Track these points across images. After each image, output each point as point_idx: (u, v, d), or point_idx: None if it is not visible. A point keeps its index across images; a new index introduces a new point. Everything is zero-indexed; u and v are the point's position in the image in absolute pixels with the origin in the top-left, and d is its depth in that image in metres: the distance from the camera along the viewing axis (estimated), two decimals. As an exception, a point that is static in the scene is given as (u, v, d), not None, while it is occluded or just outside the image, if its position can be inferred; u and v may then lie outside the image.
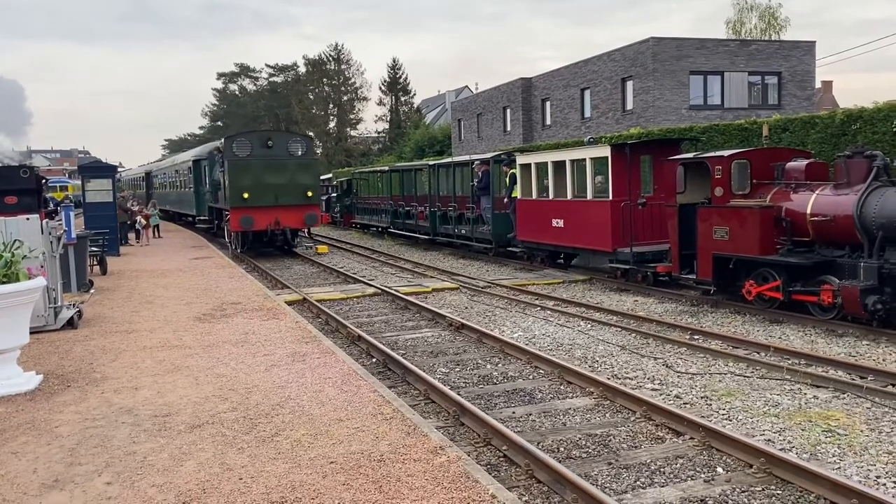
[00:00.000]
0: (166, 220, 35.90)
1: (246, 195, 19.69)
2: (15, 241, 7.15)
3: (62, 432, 5.72)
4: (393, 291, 13.89)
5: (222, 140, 21.08)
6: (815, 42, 32.11)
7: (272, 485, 4.61)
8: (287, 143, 21.06)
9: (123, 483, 4.70)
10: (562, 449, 6.01)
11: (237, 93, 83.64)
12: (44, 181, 38.22)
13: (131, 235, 24.66)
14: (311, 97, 72.74)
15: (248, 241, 20.54)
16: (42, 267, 8.15)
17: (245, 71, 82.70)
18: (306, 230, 22.01)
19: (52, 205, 35.96)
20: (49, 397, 6.68)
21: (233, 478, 4.73)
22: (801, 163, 10.90)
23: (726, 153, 11.46)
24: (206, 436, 5.54)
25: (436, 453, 5.05)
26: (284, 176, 20.32)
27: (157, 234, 27.12)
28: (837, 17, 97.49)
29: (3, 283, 6.65)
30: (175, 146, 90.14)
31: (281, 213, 20.13)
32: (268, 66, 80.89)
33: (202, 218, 27.42)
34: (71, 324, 9.92)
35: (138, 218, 24.81)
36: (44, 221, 10.32)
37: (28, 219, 10.51)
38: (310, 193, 20.74)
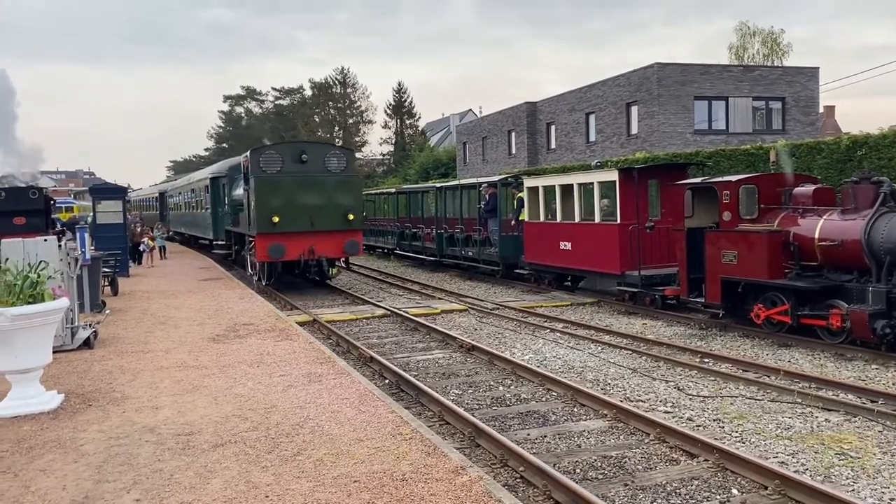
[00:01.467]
0: (182, 244, 35.28)
1: (276, 219, 16.51)
2: (41, 261, 7.30)
3: (88, 450, 5.82)
4: (402, 313, 14.00)
5: (247, 153, 17.92)
6: (818, 68, 32.47)
7: (298, 503, 4.70)
8: (324, 156, 17.65)
9: (152, 500, 4.80)
10: (578, 470, 6.09)
11: (243, 115, 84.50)
12: (52, 202, 38.55)
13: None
14: (317, 120, 73.47)
15: (277, 272, 17.55)
16: (60, 287, 8.27)
17: (251, 94, 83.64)
18: (344, 260, 18.61)
19: (58, 225, 36.24)
20: (72, 416, 6.78)
21: (259, 496, 4.82)
22: (809, 188, 11.05)
23: (734, 178, 11.62)
24: (229, 454, 5.64)
25: (457, 473, 5.14)
26: (321, 196, 17.09)
27: (162, 255, 27.23)
28: (839, 42, 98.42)
29: (29, 303, 6.78)
30: (180, 168, 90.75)
31: (316, 240, 16.95)
32: (274, 88, 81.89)
33: (219, 242, 24.72)
34: (87, 344, 10.03)
35: (145, 239, 24.94)
36: (62, 242, 10.47)
37: (46, 240, 10.69)
38: (351, 217, 17.35)
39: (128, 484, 5.09)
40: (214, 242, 25.49)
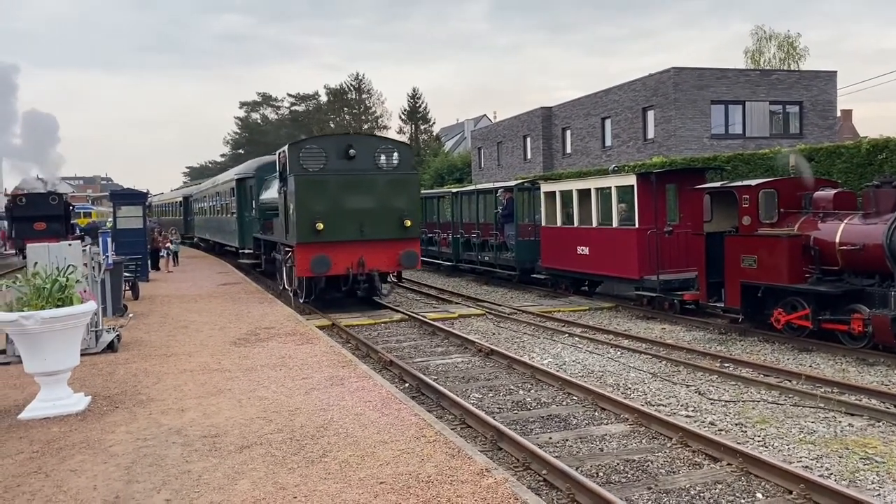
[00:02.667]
0: (206, 251, 34.03)
1: (320, 226, 14.22)
2: (69, 265, 7.42)
3: (116, 451, 5.91)
4: (420, 317, 14.05)
5: (284, 148, 15.49)
6: (836, 72, 32.27)
7: None
8: (375, 150, 15.29)
9: (182, 500, 4.87)
10: (601, 474, 6.10)
11: (259, 121, 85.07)
12: (71, 208, 38.95)
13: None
14: (332, 126, 73.83)
15: (319, 288, 15.19)
16: (87, 290, 8.39)
17: (267, 100, 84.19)
18: (396, 274, 16.32)
19: (77, 230, 36.60)
20: (99, 418, 6.88)
21: (287, 497, 4.88)
22: (829, 192, 11.01)
23: (754, 182, 11.59)
24: (255, 456, 5.71)
25: (482, 475, 5.18)
26: (372, 198, 14.79)
27: (175, 262, 27.04)
28: (855, 46, 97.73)
29: (58, 306, 6.90)
30: (196, 173, 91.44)
31: (367, 250, 14.69)
32: (289, 95, 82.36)
33: (246, 251, 22.61)
34: (111, 347, 10.16)
35: (169, 245, 25.10)
36: (87, 247, 10.62)
37: (70, 244, 10.84)
38: (408, 223, 14.99)
39: (157, 484, 5.17)
40: (240, 251, 23.43)
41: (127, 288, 16.10)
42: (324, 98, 77.16)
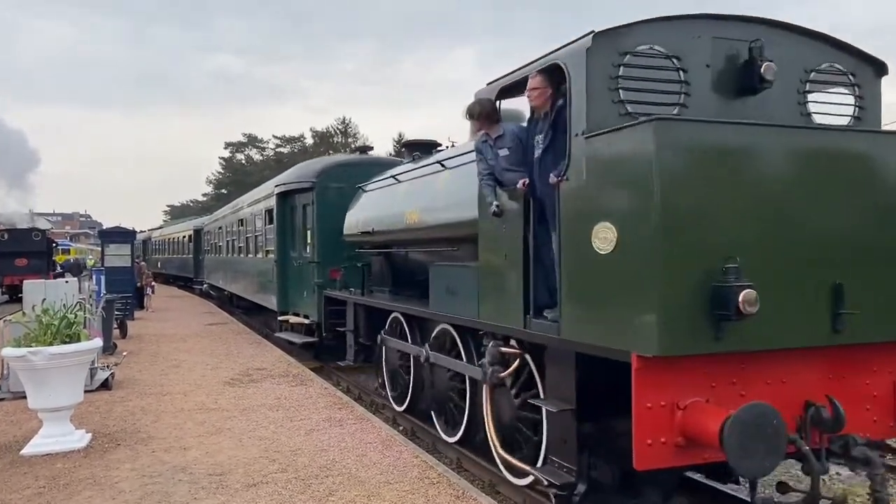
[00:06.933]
0: (218, 303, 26.25)
1: (751, 306, 3.91)
2: (77, 302, 7.53)
3: (123, 488, 5.97)
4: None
5: (555, 55, 5.13)
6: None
7: (338, 541, 4.86)
8: (805, 73, 5.20)
9: (196, 536, 4.95)
10: (598, 516, 6.24)
11: (243, 162, 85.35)
12: (54, 245, 38.70)
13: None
14: (317, 170, 74.20)
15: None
16: (91, 327, 8.48)
17: (252, 141, 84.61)
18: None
19: (57, 267, 36.37)
20: (102, 455, 6.93)
21: (299, 534, 4.99)
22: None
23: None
24: (263, 494, 5.80)
25: (489, 516, 5.32)
26: (858, 207, 4.54)
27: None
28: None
29: (65, 342, 6.99)
30: (177, 212, 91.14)
31: (842, 372, 4.67)
32: (275, 136, 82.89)
33: (294, 318, 13.71)
34: (106, 385, 10.16)
35: (153, 284, 25.04)
36: (85, 284, 10.71)
37: (67, 281, 10.94)
38: None
39: (169, 520, 5.25)
40: (283, 318, 14.20)
41: (115, 326, 16.07)
42: (310, 140, 77.75)
